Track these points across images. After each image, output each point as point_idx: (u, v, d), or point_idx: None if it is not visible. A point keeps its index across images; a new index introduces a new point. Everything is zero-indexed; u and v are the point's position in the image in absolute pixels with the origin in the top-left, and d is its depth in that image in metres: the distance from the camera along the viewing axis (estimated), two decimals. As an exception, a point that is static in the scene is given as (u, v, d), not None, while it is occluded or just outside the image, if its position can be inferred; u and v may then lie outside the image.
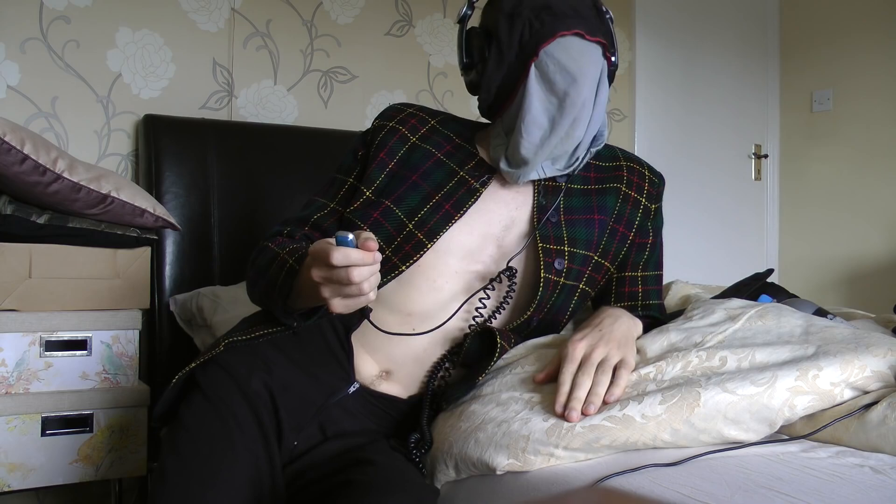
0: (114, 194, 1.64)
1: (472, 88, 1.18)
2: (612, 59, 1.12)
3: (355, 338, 1.12)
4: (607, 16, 1.13)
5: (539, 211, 1.17)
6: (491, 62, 1.11)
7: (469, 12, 1.18)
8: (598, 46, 1.09)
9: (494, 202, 1.17)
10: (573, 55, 1.07)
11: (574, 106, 1.08)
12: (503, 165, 1.16)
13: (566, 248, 1.16)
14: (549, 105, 1.09)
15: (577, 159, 1.17)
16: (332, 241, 0.89)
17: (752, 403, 0.93)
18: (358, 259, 0.86)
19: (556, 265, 1.15)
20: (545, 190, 1.19)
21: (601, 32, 1.10)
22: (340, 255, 0.86)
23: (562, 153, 1.14)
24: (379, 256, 0.88)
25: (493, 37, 1.11)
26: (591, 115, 1.11)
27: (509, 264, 1.14)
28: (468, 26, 1.17)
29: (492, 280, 1.14)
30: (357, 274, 0.87)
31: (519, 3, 1.08)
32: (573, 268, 1.16)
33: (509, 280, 1.14)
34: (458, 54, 1.18)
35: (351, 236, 0.87)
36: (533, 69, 1.08)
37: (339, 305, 0.91)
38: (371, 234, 0.89)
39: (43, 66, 2.11)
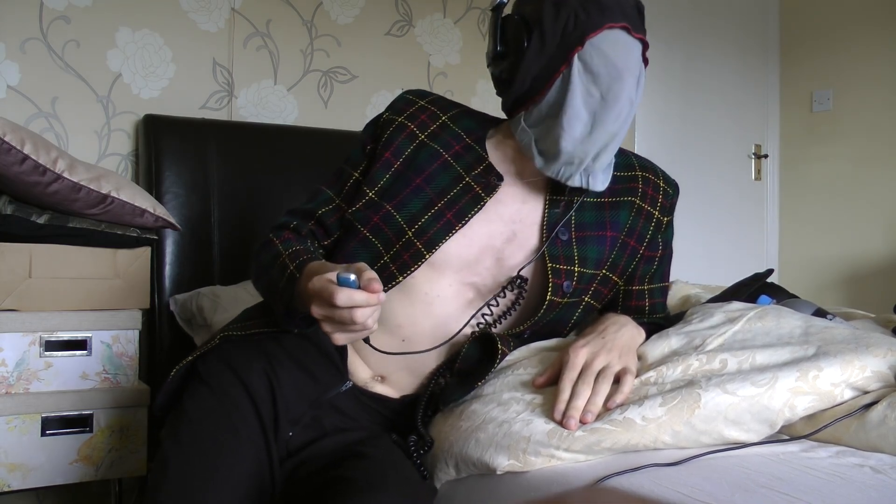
0: (114, 194, 1.64)
1: (503, 81, 1.13)
2: (646, 60, 1.10)
3: None
4: (643, 12, 1.10)
5: (549, 227, 1.13)
6: (531, 51, 1.06)
7: (505, 0, 1.13)
8: (640, 45, 1.07)
9: (498, 213, 1.13)
10: (619, 49, 1.04)
11: (617, 101, 1.05)
12: (538, 163, 1.10)
13: (576, 269, 1.13)
14: (589, 98, 1.05)
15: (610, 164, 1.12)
16: (333, 278, 0.88)
17: (753, 404, 0.93)
18: (362, 301, 0.86)
19: (563, 287, 1.12)
20: (556, 203, 1.15)
21: (642, 30, 1.08)
22: (344, 297, 0.85)
23: (604, 153, 1.09)
24: (383, 297, 0.88)
25: (535, 25, 1.06)
26: (629, 115, 1.08)
27: (520, 273, 1.11)
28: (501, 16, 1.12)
29: (503, 288, 1.12)
30: (360, 314, 0.86)
31: None
32: (579, 287, 1.14)
33: (519, 289, 1.12)
34: (489, 44, 1.12)
35: (353, 277, 0.86)
36: (576, 60, 1.04)
37: (342, 339, 0.91)
38: (375, 275, 0.88)
39: (43, 66, 2.11)
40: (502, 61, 1.12)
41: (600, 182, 1.11)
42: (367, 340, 0.99)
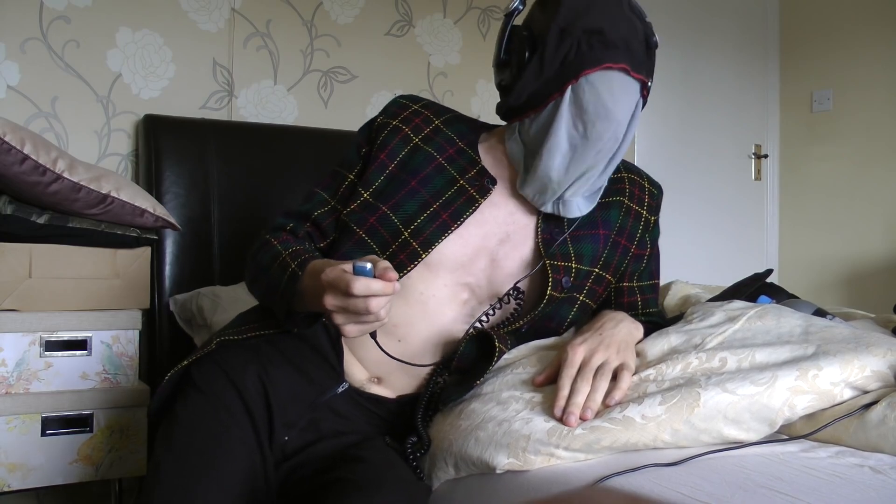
0: (114, 194, 1.64)
1: (502, 88, 1.14)
2: (647, 95, 1.10)
3: (346, 341, 1.12)
4: (655, 48, 1.10)
5: (545, 233, 1.15)
6: (529, 71, 1.07)
7: (520, 7, 1.13)
8: (639, 84, 1.07)
9: (492, 215, 1.14)
10: (613, 89, 1.04)
11: (599, 139, 1.05)
12: (519, 184, 1.13)
13: (573, 265, 1.15)
14: (573, 131, 1.06)
15: (599, 190, 1.14)
16: (348, 268, 0.88)
17: (753, 403, 0.93)
18: (379, 290, 0.86)
19: (563, 283, 1.14)
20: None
21: (645, 69, 1.07)
22: (361, 286, 0.86)
23: (578, 184, 1.10)
24: (398, 287, 0.88)
25: (539, 46, 1.07)
26: (618, 150, 1.09)
27: (517, 285, 1.13)
28: (512, 23, 1.12)
29: (500, 300, 1.13)
30: (375, 304, 0.87)
31: (573, 21, 1.04)
32: (576, 283, 1.16)
33: (516, 300, 1.13)
34: (496, 48, 1.13)
35: (369, 266, 0.87)
36: (569, 91, 1.04)
37: (353, 330, 0.92)
38: (389, 265, 0.89)
39: (43, 66, 2.12)
40: (504, 70, 1.13)
41: (575, 209, 1.12)
42: (373, 336, 1.00)
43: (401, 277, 1.09)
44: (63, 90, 2.14)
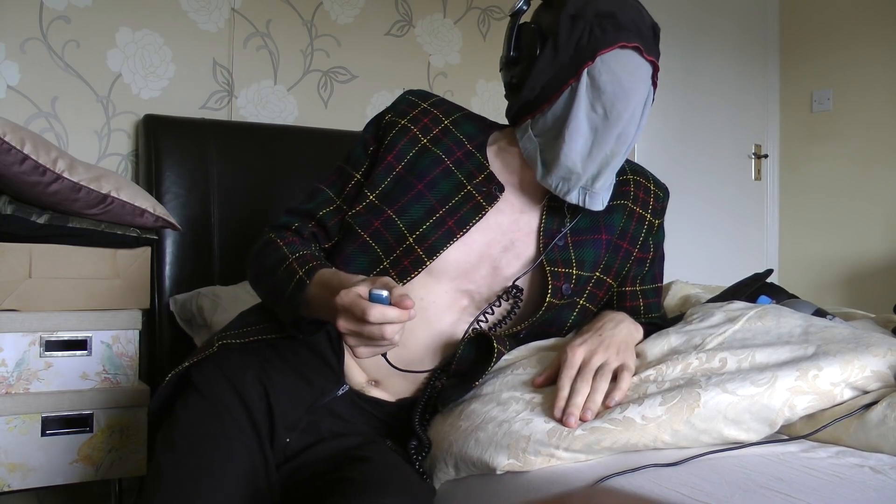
0: (114, 194, 1.64)
1: (512, 87, 1.14)
2: (656, 84, 1.10)
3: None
4: (658, 35, 1.12)
5: (546, 235, 1.14)
6: (542, 59, 1.07)
7: (525, 7, 1.14)
8: (651, 67, 1.08)
9: (497, 222, 1.13)
10: (628, 68, 1.05)
11: (619, 119, 1.06)
12: (539, 173, 1.11)
13: (574, 272, 1.14)
14: (592, 114, 1.06)
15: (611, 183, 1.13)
16: (363, 293, 0.88)
17: (753, 403, 0.93)
18: (395, 317, 0.86)
19: (563, 289, 1.13)
20: (553, 213, 1.16)
21: (655, 53, 1.09)
22: (377, 314, 0.86)
23: (604, 173, 1.09)
24: (414, 314, 0.88)
25: (550, 35, 1.08)
26: (633, 139, 1.09)
27: (515, 283, 1.12)
28: (520, 21, 1.13)
29: (499, 297, 1.12)
30: (390, 330, 0.87)
31: (584, 7, 1.06)
32: (576, 288, 1.15)
33: (514, 299, 1.13)
34: (504, 48, 1.13)
35: (385, 293, 0.87)
36: (585, 75, 1.05)
37: (365, 353, 0.92)
38: (405, 291, 0.88)
39: (43, 66, 2.12)
40: (514, 67, 1.13)
41: (599, 202, 1.11)
42: (384, 355, 1.00)
43: (403, 284, 1.08)
44: (63, 90, 2.14)
